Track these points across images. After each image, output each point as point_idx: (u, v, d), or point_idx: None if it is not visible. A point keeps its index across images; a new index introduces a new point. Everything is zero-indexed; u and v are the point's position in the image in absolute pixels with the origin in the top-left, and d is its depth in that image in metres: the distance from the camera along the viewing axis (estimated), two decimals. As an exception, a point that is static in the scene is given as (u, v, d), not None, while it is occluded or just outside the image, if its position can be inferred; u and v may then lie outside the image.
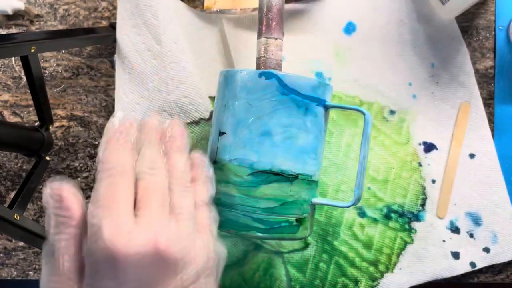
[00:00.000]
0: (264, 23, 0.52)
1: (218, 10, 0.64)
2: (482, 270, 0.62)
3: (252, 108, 0.48)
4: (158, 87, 0.59)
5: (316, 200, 0.50)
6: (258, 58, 0.51)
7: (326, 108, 0.50)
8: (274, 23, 0.52)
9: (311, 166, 0.49)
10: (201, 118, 0.59)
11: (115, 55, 0.61)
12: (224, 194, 0.48)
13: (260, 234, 0.47)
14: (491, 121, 0.64)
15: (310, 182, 0.49)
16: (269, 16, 0.52)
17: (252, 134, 0.47)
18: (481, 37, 0.65)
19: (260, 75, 0.47)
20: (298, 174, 0.48)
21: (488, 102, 0.64)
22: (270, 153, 0.47)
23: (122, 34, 0.59)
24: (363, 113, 0.49)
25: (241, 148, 0.47)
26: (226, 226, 0.47)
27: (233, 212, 0.47)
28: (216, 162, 0.49)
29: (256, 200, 0.47)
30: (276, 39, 0.51)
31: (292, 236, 0.48)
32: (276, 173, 0.47)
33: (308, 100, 0.48)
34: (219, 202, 0.47)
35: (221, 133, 0.49)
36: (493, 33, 0.65)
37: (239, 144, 0.47)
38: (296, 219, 0.48)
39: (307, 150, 0.48)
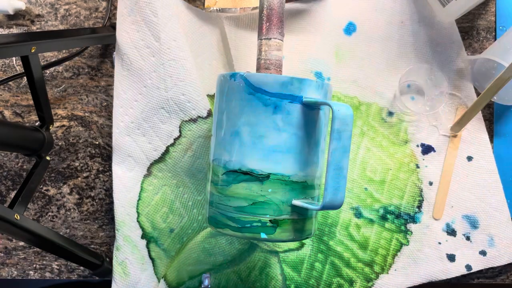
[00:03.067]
0: (265, 24, 0.52)
1: (219, 9, 0.63)
2: (482, 271, 0.63)
3: (226, 109, 0.48)
4: (156, 84, 0.59)
5: (295, 202, 0.47)
6: (258, 59, 0.52)
7: (306, 104, 0.47)
8: (274, 24, 0.52)
9: (288, 166, 0.47)
10: (199, 116, 0.59)
11: (114, 52, 0.61)
12: (208, 193, 0.51)
13: (232, 232, 0.47)
14: (491, 121, 0.64)
15: (288, 182, 0.47)
16: (270, 17, 0.52)
17: (225, 134, 0.48)
18: (481, 38, 0.64)
19: (230, 77, 0.48)
20: (269, 174, 0.46)
21: (489, 102, 0.63)
22: (240, 153, 0.47)
23: (122, 31, 0.59)
24: (331, 108, 0.45)
25: (219, 149, 0.49)
26: (209, 222, 0.50)
27: (213, 209, 0.49)
28: (209, 163, 0.51)
29: (228, 199, 0.47)
30: (276, 39, 0.51)
31: (269, 237, 0.47)
32: (246, 173, 0.47)
33: (276, 98, 0.46)
34: (208, 200, 0.50)
35: (211, 136, 0.51)
36: (494, 33, 0.64)
37: (218, 145, 0.49)
38: (270, 220, 0.47)
39: (280, 149, 0.46)
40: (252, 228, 0.46)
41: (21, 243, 0.65)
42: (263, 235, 0.46)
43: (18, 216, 0.48)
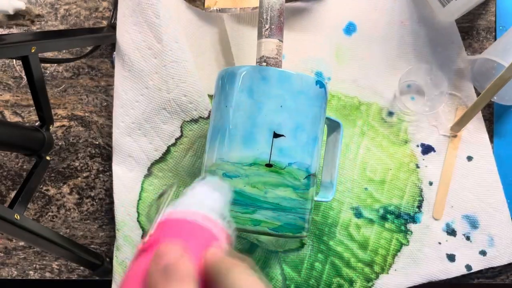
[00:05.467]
0: (264, 24, 0.52)
1: (219, 9, 0.63)
2: (482, 271, 0.62)
3: (310, 113, 0.49)
4: (158, 85, 0.59)
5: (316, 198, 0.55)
6: (259, 59, 0.51)
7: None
8: (274, 25, 0.52)
9: None
10: (200, 117, 0.59)
11: (114, 52, 0.61)
12: (283, 199, 0.47)
13: (305, 234, 0.50)
14: (491, 121, 0.64)
15: None
16: (270, 17, 0.52)
17: (308, 138, 0.49)
18: (481, 38, 0.64)
19: (316, 83, 0.49)
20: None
21: (489, 102, 0.63)
22: (316, 157, 0.50)
23: (123, 31, 0.59)
24: (341, 127, 0.55)
25: (300, 152, 0.48)
26: (283, 230, 0.47)
27: (292, 215, 0.47)
28: (271, 165, 0.47)
29: (308, 202, 0.49)
30: (276, 39, 0.51)
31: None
32: (315, 175, 0.50)
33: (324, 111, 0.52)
34: (279, 206, 0.47)
35: (276, 135, 0.47)
36: (494, 33, 0.64)
37: (298, 147, 0.48)
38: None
39: None
40: (309, 227, 0.51)
41: (21, 243, 0.65)
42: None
43: (18, 216, 0.48)
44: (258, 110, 0.47)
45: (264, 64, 0.51)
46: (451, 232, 0.61)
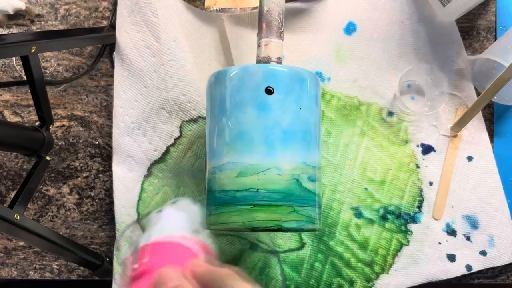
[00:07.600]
0: (265, 24, 0.52)
1: (219, 9, 0.64)
2: (482, 271, 0.62)
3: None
4: (156, 84, 0.59)
5: None
6: (259, 59, 0.51)
7: None
8: (274, 24, 0.52)
9: None
10: (199, 116, 0.59)
11: (114, 52, 0.61)
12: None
13: None
14: (491, 121, 0.64)
15: None
16: (270, 17, 0.52)
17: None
18: (481, 38, 0.64)
19: None
20: None
21: (489, 102, 0.63)
22: None
23: (122, 31, 0.60)
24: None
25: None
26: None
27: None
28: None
29: None
30: (276, 40, 0.51)
31: None
32: None
33: None
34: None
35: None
36: (494, 33, 0.64)
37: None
38: None
39: None
40: None
41: (21, 243, 0.65)
42: None
43: (18, 216, 0.48)
44: (318, 118, 0.50)
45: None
46: (451, 232, 0.61)
